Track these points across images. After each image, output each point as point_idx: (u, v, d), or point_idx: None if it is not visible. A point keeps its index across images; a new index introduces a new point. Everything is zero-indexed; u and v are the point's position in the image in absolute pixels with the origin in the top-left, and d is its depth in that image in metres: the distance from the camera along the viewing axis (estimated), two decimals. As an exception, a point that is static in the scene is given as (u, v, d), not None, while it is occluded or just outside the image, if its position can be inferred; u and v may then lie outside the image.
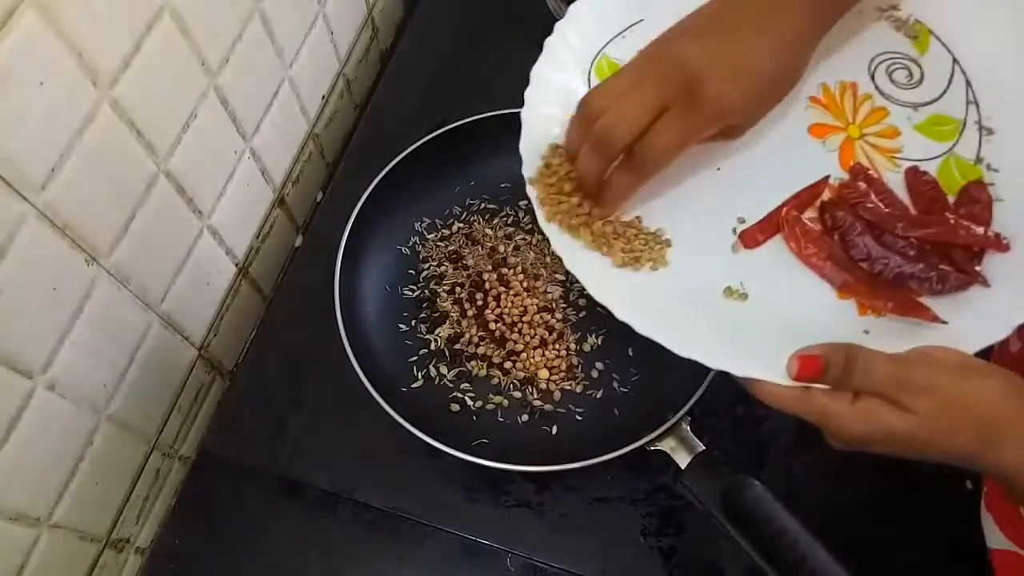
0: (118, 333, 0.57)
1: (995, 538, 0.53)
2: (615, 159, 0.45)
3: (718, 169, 0.51)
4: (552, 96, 0.52)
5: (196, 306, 0.66)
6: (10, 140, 0.43)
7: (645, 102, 0.43)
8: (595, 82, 0.53)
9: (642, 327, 0.44)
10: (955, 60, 0.51)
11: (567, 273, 0.62)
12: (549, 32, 0.54)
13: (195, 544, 0.63)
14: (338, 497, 0.63)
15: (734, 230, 0.49)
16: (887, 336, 0.44)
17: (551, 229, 0.48)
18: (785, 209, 0.48)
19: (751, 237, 0.48)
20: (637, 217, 0.49)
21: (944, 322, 0.43)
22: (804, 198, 0.49)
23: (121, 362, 0.58)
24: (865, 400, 0.40)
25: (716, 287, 0.47)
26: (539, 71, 0.52)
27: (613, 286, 0.47)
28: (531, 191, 0.49)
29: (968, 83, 0.51)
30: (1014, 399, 0.39)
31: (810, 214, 0.49)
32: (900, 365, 0.39)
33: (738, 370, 0.42)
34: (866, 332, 0.44)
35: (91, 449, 0.56)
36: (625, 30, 0.54)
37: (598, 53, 0.54)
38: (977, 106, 0.50)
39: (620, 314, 0.45)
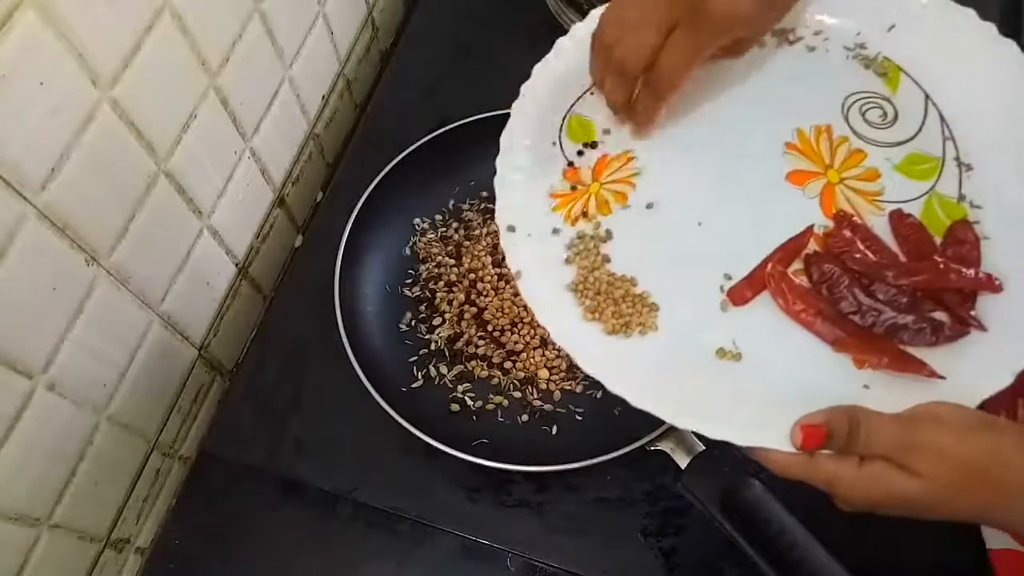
0: (118, 333, 0.57)
1: (994, 537, 0.53)
2: (636, 80, 0.47)
3: (699, 224, 0.49)
4: (523, 161, 0.52)
5: (196, 306, 0.66)
6: (10, 140, 0.43)
7: (654, 24, 0.45)
8: (566, 142, 0.53)
9: (636, 400, 0.43)
10: (927, 96, 0.51)
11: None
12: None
13: (195, 544, 0.63)
14: (338, 497, 0.63)
15: (721, 288, 0.47)
16: (888, 389, 0.43)
17: (536, 303, 0.47)
18: (770, 264, 0.47)
19: (739, 294, 0.47)
20: (633, 278, 0.48)
21: (942, 377, 0.42)
22: (789, 250, 0.48)
23: (121, 362, 0.58)
24: (871, 464, 0.39)
25: (708, 349, 0.46)
26: (507, 138, 0.52)
27: (602, 357, 0.45)
28: (511, 261, 0.48)
29: (942, 118, 0.50)
30: (1022, 451, 0.38)
31: (797, 266, 0.47)
32: (905, 427, 0.39)
33: (740, 440, 0.41)
34: (866, 387, 0.43)
35: (91, 449, 0.56)
36: (593, 86, 0.53)
37: (567, 111, 0.53)
38: (954, 142, 0.49)
39: (612, 387, 0.44)
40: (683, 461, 0.56)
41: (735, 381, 0.45)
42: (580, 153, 0.53)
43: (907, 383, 0.43)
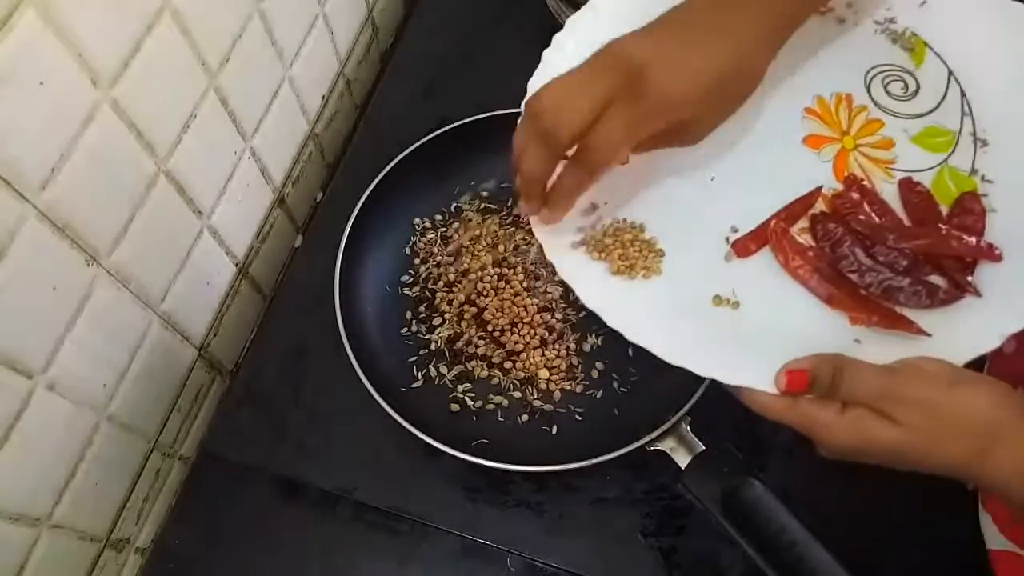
0: (118, 333, 0.57)
1: (994, 539, 0.52)
2: (560, 155, 0.44)
3: (712, 178, 0.51)
4: None
5: (196, 306, 0.66)
6: (10, 140, 0.43)
7: (590, 96, 0.42)
8: None
9: (632, 335, 0.44)
10: (950, 72, 0.52)
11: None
12: (549, 32, 0.54)
13: (195, 544, 0.63)
14: (338, 497, 0.63)
15: (727, 239, 0.49)
16: (878, 345, 0.44)
17: (548, 242, 0.48)
18: (774, 221, 0.48)
19: (744, 246, 0.48)
20: (643, 224, 0.49)
21: (928, 335, 0.43)
22: (796, 208, 0.49)
23: (121, 362, 0.58)
24: (853, 411, 0.40)
25: (707, 295, 0.47)
26: (535, 83, 0.52)
27: (605, 294, 0.47)
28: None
29: (963, 95, 0.51)
30: (1006, 409, 0.39)
31: (803, 224, 0.49)
32: (888, 377, 0.40)
33: (728, 378, 0.43)
34: (857, 341, 0.44)
35: (91, 449, 0.56)
36: None
37: None
38: (972, 118, 0.50)
39: (611, 321, 0.45)
40: (683, 461, 0.56)
41: (730, 327, 0.46)
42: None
43: (897, 340, 0.44)
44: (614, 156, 0.44)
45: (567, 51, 0.53)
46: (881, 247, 0.47)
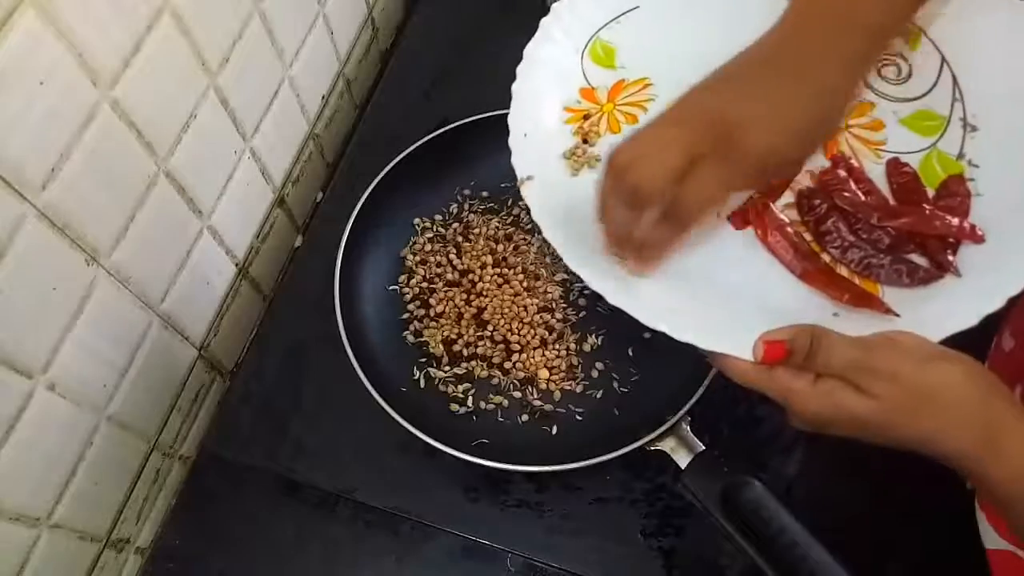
0: (118, 333, 0.57)
1: (991, 538, 0.53)
2: (646, 211, 0.43)
3: None
4: (544, 75, 0.53)
5: (196, 306, 0.66)
6: (10, 140, 0.43)
7: (676, 154, 0.41)
8: (588, 65, 0.54)
9: (613, 297, 0.45)
10: (944, 58, 0.52)
11: (568, 272, 0.62)
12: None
13: (195, 544, 0.63)
14: (338, 497, 0.63)
15: (718, 212, 0.49)
16: (856, 320, 0.44)
17: (536, 205, 0.48)
18: (755, 196, 0.49)
19: (740, 218, 0.49)
20: None
21: (896, 315, 0.44)
22: (776, 184, 0.50)
23: (121, 362, 0.58)
24: (826, 381, 0.40)
25: (689, 264, 0.48)
26: (532, 50, 0.53)
27: (590, 257, 0.47)
28: (517, 164, 0.50)
29: (955, 81, 0.51)
30: (975, 387, 0.39)
31: (788, 199, 0.50)
32: (862, 350, 0.40)
33: (705, 344, 0.43)
34: (836, 315, 0.45)
35: (91, 449, 0.56)
36: (621, 15, 0.55)
37: (592, 36, 0.55)
38: (963, 103, 0.51)
39: (593, 284, 0.45)
40: (683, 461, 0.56)
41: (711, 296, 0.47)
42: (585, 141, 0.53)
43: (875, 316, 0.45)
44: (707, 211, 0.44)
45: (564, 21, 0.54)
46: (865, 224, 0.47)
